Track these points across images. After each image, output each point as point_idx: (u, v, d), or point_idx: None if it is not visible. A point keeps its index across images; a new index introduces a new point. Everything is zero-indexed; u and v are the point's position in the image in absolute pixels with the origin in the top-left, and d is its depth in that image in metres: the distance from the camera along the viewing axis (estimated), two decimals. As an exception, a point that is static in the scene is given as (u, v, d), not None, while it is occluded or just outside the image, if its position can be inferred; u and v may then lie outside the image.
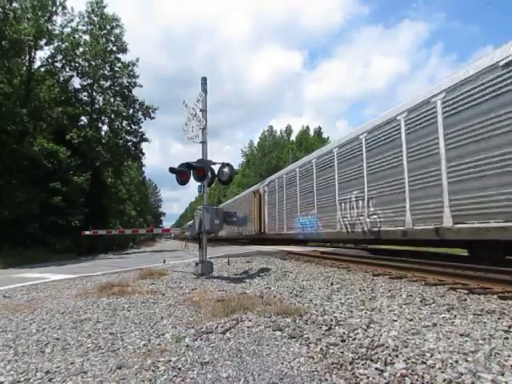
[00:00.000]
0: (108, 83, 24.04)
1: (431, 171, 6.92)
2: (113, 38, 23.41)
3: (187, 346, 2.41)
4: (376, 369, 1.91)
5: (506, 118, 5.46)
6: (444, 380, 1.75)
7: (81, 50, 22.14)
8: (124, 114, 24.42)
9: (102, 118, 24.80)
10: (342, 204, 10.40)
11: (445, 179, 6.56)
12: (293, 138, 55.77)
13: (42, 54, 21.30)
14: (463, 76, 6.28)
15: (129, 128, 24.92)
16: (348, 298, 3.76)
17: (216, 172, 6.79)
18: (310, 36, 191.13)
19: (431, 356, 2.04)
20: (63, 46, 21.01)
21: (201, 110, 6.61)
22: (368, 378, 1.82)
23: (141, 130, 25.17)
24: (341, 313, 3.10)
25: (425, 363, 1.95)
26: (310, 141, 51.65)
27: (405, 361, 1.98)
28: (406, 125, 7.72)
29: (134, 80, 24.40)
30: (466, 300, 3.58)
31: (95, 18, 23.00)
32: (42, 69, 21.19)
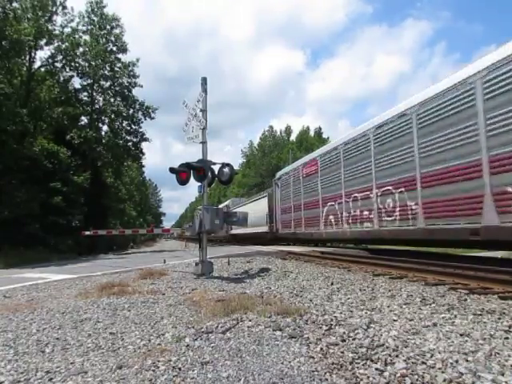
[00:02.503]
0: (108, 83, 23.99)
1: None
2: (113, 38, 23.36)
3: (187, 345, 2.41)
4: (376, 369, 1.91)
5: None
6: (444, 380, 1.75)
7: (81, 50, 22.08)
8: (124, 114, 24.36)
9: (102, 118, 24.75)
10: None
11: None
12: (293, 138, 55.76)
13: (42, 54, 21.37)
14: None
15: (129, 128, 24.87)
16: (348, 298, 3.76)
17: (216, 172, 6.79)
18: (313, 35, 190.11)
19: (431, 356, 2.04)
20: (63, 46, 20.95)
21: (201, 110, 6.61)
22: (368, 377, 1.82)
23: (141, 130, 25.11)
24: (341, 313, 3.10)
25: (425, 363, 1.95)
26: (310, 141, 51.65)
27: (405, 361, 1.98)
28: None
29: (134, 80, 24.35)
30: (466, 300, 3.58)
31: (95, 18, 22.95)
32: (42, 69, 21.15)
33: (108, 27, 23.17)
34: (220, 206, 25.11)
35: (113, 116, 24.30)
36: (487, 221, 5.76)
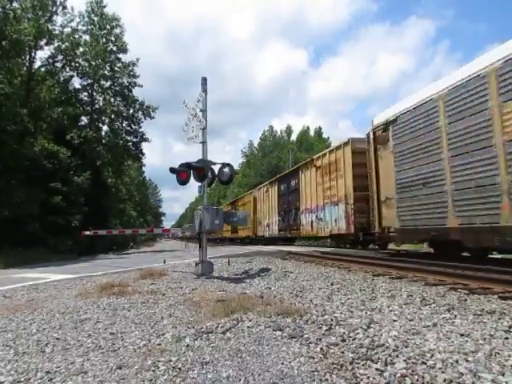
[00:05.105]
0: (108, 83, 23.98)
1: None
2: (113, 38, 23.35)
3: (187, 345, 2.41)
4: (376, 369, 1.91)
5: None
6: (444, 380, 1.75)
7: (81, 50, 22.08)
8: (124, 114, 24.38)
9: (102, 118, 24.74)
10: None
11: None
12: (293, 138, 55.76)
13: (42, 54, 21.32)
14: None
15: (129, 128, 24.88)
16: (348, 298, 3.75)
17: (216, 172, 6.79)
18: (316, 33, 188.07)
19: (431, 356, 2.04)
20: (63, 46, 20.95)
21: (201, 110, 6.61)
22: (368, 378, 1.82)
23: (141, 130, 25.14)
24: (341, 313, 3.10)
25: (425, 363, 1.95)
26: (310, 141, 51.67)
27: (405, 361, 1.98)
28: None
29: (134, 80, 24.36)
30: (466, 300, 3.58)
31: (95, 18, 22.95)
32: (43, 69, 21.15)
33: (108, 27, 23.16)
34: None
35: (113, 116, 24.28)
36: None
